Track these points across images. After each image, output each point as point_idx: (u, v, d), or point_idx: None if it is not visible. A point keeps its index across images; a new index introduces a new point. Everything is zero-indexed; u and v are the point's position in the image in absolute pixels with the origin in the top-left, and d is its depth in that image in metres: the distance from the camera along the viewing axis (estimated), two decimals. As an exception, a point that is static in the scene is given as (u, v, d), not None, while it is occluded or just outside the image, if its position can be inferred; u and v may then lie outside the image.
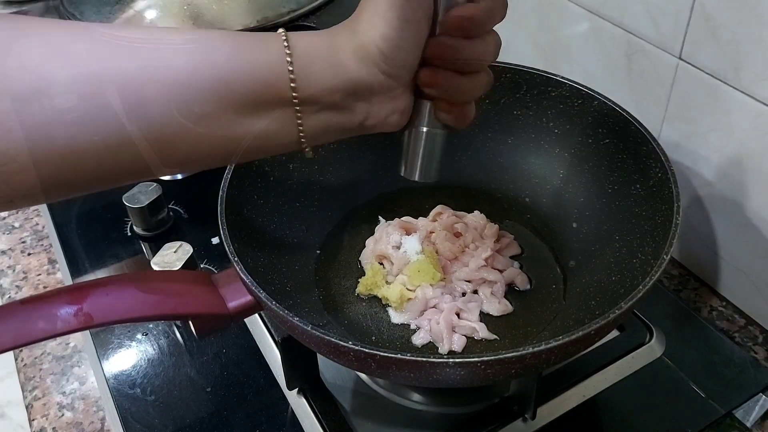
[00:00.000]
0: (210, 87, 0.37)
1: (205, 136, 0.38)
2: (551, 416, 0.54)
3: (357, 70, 0.39)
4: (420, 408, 0.55)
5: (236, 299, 0.46)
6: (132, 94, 0.35)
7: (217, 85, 0.37)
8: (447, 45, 0.40)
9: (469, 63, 0.41)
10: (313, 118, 0.40)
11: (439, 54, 0.40)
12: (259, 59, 0.38)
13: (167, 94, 0.36)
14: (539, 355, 0.40)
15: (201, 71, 0.36)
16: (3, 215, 0.80)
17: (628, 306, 0.42)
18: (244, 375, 0.59)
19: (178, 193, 0.76)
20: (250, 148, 0.40)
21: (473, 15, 0.39)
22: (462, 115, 0.44)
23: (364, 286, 0.57)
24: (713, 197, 0.62)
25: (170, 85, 0.36)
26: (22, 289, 0.71)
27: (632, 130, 0.55)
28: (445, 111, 0.43)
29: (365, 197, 0.65)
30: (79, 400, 0.60)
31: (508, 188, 0.65)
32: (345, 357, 0.42)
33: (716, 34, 0.55)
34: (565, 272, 0.58)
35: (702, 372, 0.57)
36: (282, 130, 0.40)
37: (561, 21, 0.73)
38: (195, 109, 0.37)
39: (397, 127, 0.44)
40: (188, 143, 0.38)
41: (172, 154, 0.38)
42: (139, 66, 0.35)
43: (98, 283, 0.42)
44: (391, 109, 0.42)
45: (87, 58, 0.35)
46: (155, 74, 0.36)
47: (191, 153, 0.39)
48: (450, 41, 0.40)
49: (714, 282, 0.65)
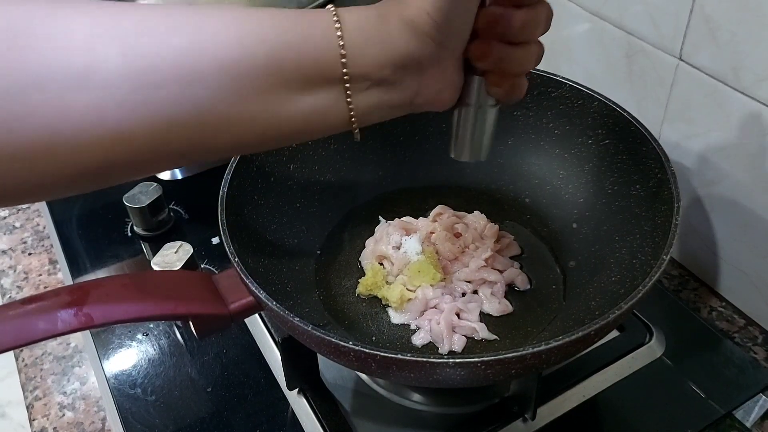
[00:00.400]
0: (259, 64, 0.36)
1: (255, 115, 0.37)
2: (551, 416, 0.54)
3: (407, 41, 0.38)
4: (420, 408, 0.55)
5: (236, 299, 0.46)
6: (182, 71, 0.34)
7: (266, 62, 0.36)
8: (498, 14, 0.39)
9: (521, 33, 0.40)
10: (364, 96, 0.39)
11: (490, 24, 0.39)
12: (308, 34, 0.37)
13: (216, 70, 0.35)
14: (539, 356, 0.40)
15: (250, 47, 0.36)
16: (3, 215, 0.80)
17: (628, 306, 0.42)
18: (244, 375, 0.59)
19: (178, 194, 0.76)
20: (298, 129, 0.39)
21: None
22: (514, 89, 0.43)
23: (364, 286, 0.57)
24: (713, 197, 0.62)
25: (219, 61, 0.35)
26: (23, 289, 0.71)
27: (632, 131, 0.55)
28: (497, 85, 0.42)
29: (365, 197, 0.65)
30: (80, 400, 0.60)
31: (508, 189, 0.65)
32: (345, 357, 0.42)
33: (716, 34, 0.55)
34: (565, 272, 0.59)
35: (702, 372, 0.57)
36: (332, 109, 0.39)
37: (561, 21, 0.73)
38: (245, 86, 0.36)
39: (449, 103, 0.43)
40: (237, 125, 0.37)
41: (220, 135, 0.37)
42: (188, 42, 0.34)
43: (99, 283, 0.43)
44: (443, 83, 0.41)
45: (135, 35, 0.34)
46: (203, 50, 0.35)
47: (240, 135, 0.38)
48: (501, 11, 0.39)
49: (714, 282, 0.65)
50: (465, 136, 0.45)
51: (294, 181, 0.61)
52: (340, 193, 0.64)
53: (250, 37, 0.36)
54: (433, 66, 0.40)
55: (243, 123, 0.37)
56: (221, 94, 0.35)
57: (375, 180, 0.65)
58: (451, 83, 0.42)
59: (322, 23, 0.37)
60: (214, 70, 0.35)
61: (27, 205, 0.81)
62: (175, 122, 0.35)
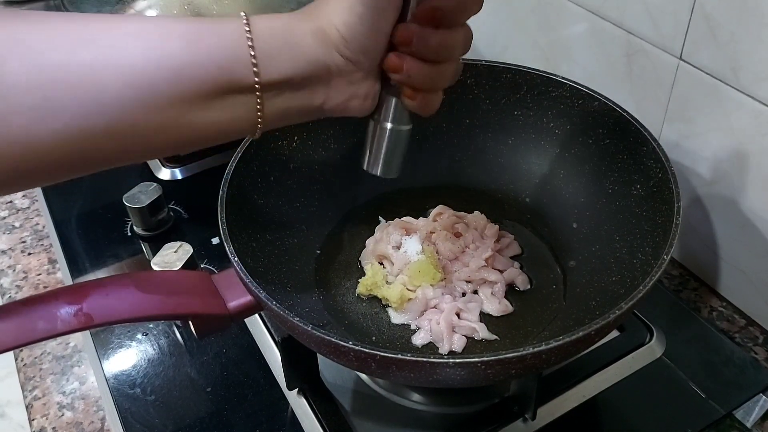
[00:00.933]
0: (165, 76, 0.36)
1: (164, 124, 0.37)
2: (551, 416, 0.54)
3: (314, 51, 0.39)
4: (420, 408, 0.55)
5: (236, 299, 0.46)
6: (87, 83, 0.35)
7: (172, 73, 0.36)
8: (415, 33, 0.39)
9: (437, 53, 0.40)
10: (273, 103, 0.39)
11: (406, 41, 0.39)
12: (216, 43, 0.37)
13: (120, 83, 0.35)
14: (539, 356, 0.40)
15: (154, 59, 0.36)
16: (3, 215, 0.80)
17: (629, 306, 0.42)
18: (244, 375, 0.59)
19: (178, 193, 0.76)
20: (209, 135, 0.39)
21: (446, 6, 0.38)
22: (427, 103, 0.43)
23: (364, 286, 0.57)
24: (713, 197, 0.62)
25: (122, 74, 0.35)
26: (23, 289, 0.71)
27: (632, 131, 0.55)
28: (410, 98, 0.42)
29: (365, 197, 0.65)
30: (79, 399, 0.60)
31: (508, 188, 0.65)
32: (345, 357, 0.42)
33: (716, 34, 0.55)
34: (566, 272, 0.58)
35: (702, 372, 0.57)
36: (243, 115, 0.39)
37: (561, 21, 0.73)
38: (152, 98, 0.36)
39: (360, 112, 0.43)
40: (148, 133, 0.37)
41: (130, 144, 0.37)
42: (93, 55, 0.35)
43: (98, 283, 0.42)
44: (351, 93, 0.41)
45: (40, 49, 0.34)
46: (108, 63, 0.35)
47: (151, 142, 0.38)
48: (418, 30, 0.39)
49: (714, 282, 0.65)
50: (378, 152, 0.45)
51: (294, 181, 0.61)
52: (340, 193, 0.64)
53: (155, 50, 0.36)
54: (342, 76, 0.40)
55: (153, 132, 0.37)
56: (127, 105, 0.36)
57: (375, 180, 0.65)
58: (361, 93, 0.42)
59: (232, 32, 0.38)
60: (118, 83, 0.35)
61: (26, 205, 0.81)
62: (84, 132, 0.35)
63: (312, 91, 0.40)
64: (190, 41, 0.37)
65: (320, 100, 0.41)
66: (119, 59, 0.35)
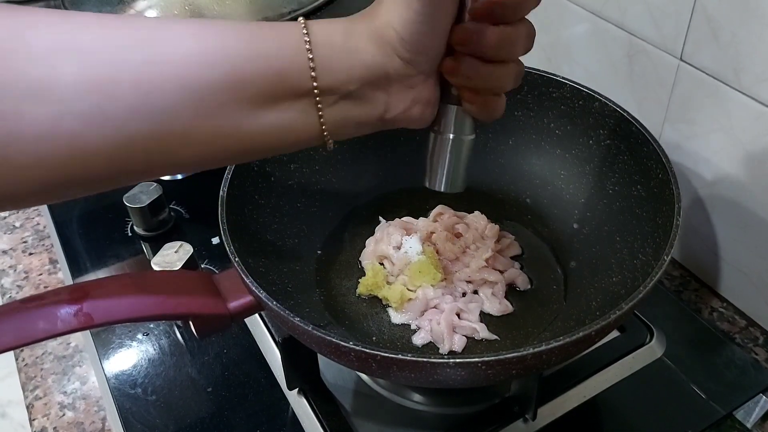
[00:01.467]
0: (221, 78, 0.35)
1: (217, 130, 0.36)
2: (552, 416, 0.54)
3: (372, 55, 0.37)
4: (420, 408, 0.55)
5: (237, 299, 0.46)
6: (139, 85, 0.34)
7: (228, 75, 0.35)
8: (472, 31, 0.37)
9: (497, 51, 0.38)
10: (333, 110, 0.38)
11: (464, 40, 0.38)
12: (275, 47, 0.36)
13: (175, 84, 0.34)
14: (540, 356, 0.40)
15: (211, 60, 0.35)
16: (4, 215, 0.80)
17: (629, 307, 0.42)
18: (244, 375, 0.59)
19: (178, 193, 0.76)
20: (267, 144, 0.38)
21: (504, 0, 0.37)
22: (490, 107, 0.41)
23: (364, 286, 0.57)
24: (714, 198, 0.62)
25: (177, 75, 0.34)
26: (24, 289, 0.71)
27: (633, 131, 0.55)
28: (471, 101, 0.41)
29: (366, 197, 0.65)
30: (80, 399, 0.60)
31: (509, 189, 0.65)
32: (346, 357, 0.42)
33: (717, 35, 0.55)
34: (566, 273, 0.58)
35: (702, 373, 0.57)
36: (300, 123, 0.38)
37: (562, 22, 0.73)
38: (205, 101, 0.35)
39: (421, 121, 0.41)
40: (199, 140, 0.36)
41: (182, 150, 0.36)
42: (146, 55, 0.34)
43: (99, 283, 0.43)
44: (412, 99, 0.40)
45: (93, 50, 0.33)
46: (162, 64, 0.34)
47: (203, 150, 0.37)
48: (475, 27, 0.37)
49: (714, 283, 0.65)
50: (440, 166, 0.44)
51: (294, 181, 0.61)
52: (341, 193, 0.64)
53: (212, 52, 0.35)
54: (401, 80, 0.39)
55: (205, 138, 0.36)
56: (180, 108, 0.35)
57: (375, 180, 0.65)
58: (422, 98, 0.40)
59: (290, 36, 0.37)
60: (172, 85, 0.34)
61: (27, 205, 0.81)
62: (134, 136, 0.34)
63: (372, 100, 0.39)
64: (248, 44, 0.36)
65: (381, 109, 0.39)
66: (174, 60, 0.34)
